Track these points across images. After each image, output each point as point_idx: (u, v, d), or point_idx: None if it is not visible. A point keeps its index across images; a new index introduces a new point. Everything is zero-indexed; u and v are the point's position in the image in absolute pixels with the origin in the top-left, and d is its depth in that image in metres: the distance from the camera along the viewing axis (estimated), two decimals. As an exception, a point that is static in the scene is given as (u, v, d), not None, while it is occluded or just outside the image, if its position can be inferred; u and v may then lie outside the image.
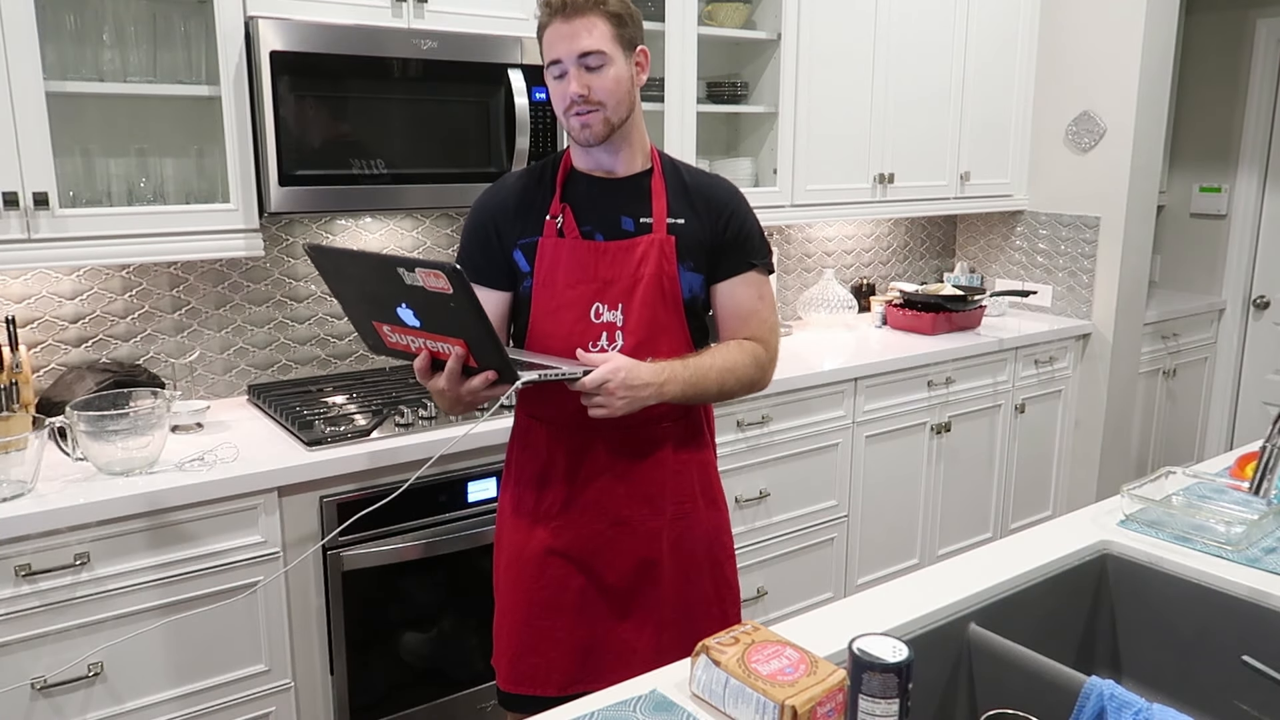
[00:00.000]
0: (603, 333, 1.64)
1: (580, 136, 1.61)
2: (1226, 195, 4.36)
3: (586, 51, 1.55)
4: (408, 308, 1.40)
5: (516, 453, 1.78)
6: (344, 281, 1.51)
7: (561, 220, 1.65)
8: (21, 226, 1.92)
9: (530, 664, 1.73)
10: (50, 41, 2.03)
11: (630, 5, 1.61)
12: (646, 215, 1.66)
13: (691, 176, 1.73)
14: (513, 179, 1.74)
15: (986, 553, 1.60)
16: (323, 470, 2.03)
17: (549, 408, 1.71)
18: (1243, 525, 1.62)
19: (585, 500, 1.70)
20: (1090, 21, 3.50)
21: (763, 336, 1.74)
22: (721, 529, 1.82)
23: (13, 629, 1.76)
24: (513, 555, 1.75)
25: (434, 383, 1.47)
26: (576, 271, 1.64)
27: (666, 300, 1.66)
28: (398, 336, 1.47)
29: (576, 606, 1.72)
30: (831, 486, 2.97)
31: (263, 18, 2.06)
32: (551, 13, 1.56)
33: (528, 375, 1.42)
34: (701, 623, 1.73)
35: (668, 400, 1.61)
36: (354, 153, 2.19)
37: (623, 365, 1.54)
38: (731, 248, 1.70)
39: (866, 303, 3.64)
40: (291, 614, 2.06)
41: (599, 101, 1.57)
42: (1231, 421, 4.51)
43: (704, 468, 1.79)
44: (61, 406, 2.01)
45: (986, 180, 3.62)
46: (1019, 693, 1.29)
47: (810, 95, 3.04)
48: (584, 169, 1.69)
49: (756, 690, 1.09)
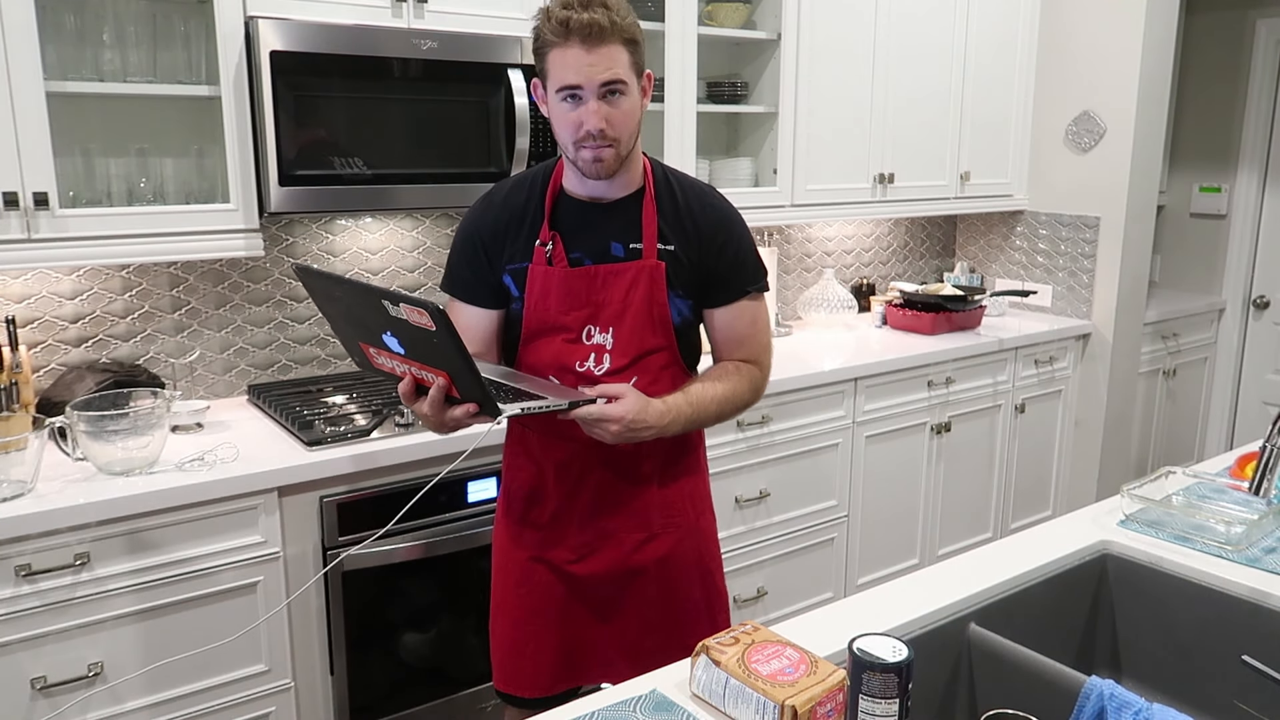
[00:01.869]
0: (591, 354, 1.63)
1: (590, 170, 1.54)
2: (1226, 195, 4.36)
3: (609, 82, 1.47)
4: (393, 336, 1.39)
5: (509, 459, 1.79)
6: (332, 303, 1.50)
7: (551, 248, 1.61)
8: (21, 226, 1.91)
9: (517, 665, 1.75)
10: (50, 41, 2.03)
11: (640, 28, 1.54)
12: (636, 241, 1.62)
13: (685, 195, 1.66)
14: (500, 195, 1.67)
15: (986, 553, 1.60)
16: (323, 470, 2.03)
17: (539, 419, 1.70)
18: (1243, 525, 1.62)
19: (572, 513, 1.70)
20: (1090, 21, 3.50)
21: (757, 357, 1.74)
22: (710, 537, 1.81)
23: (13, 629, 1.76)
24: (503, 559, 1.77)
25: (418, 407, 1.45)
26: (568, 299, 1.61)
27: (656, 325, 1.64)
28: (384, 359, 1.47)
29: (560, 613, 1.72)
30: (831, 486, 2.97)
31: (263, 18, 2.06)
32: (567, 35, 1.45)
33: (510, 409, 1.40)
34: (690, 631, 1.71)
35: (665, 435, 1.61)
36: (354, 153, 2.19)
37: (631, 409, 1.51)
38: (727, 275, 1.67)
39: (866, 303, 3.64)
40: (291, 614, 2.06)
41: (615, 137, 1.51)
42: (1231, 421, 4.51)
43: (693, 483, 1.79)
44: (61, 406, 2.01)
45: (986, 180, 3.62)
46: (1019, 693, 1.29)
47: (810, 95, 3.04)
48: (574, 192, 1.63)
49: (756, 690, 1.09)
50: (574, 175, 1.60)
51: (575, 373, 1.63)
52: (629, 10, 1.51)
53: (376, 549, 2.11)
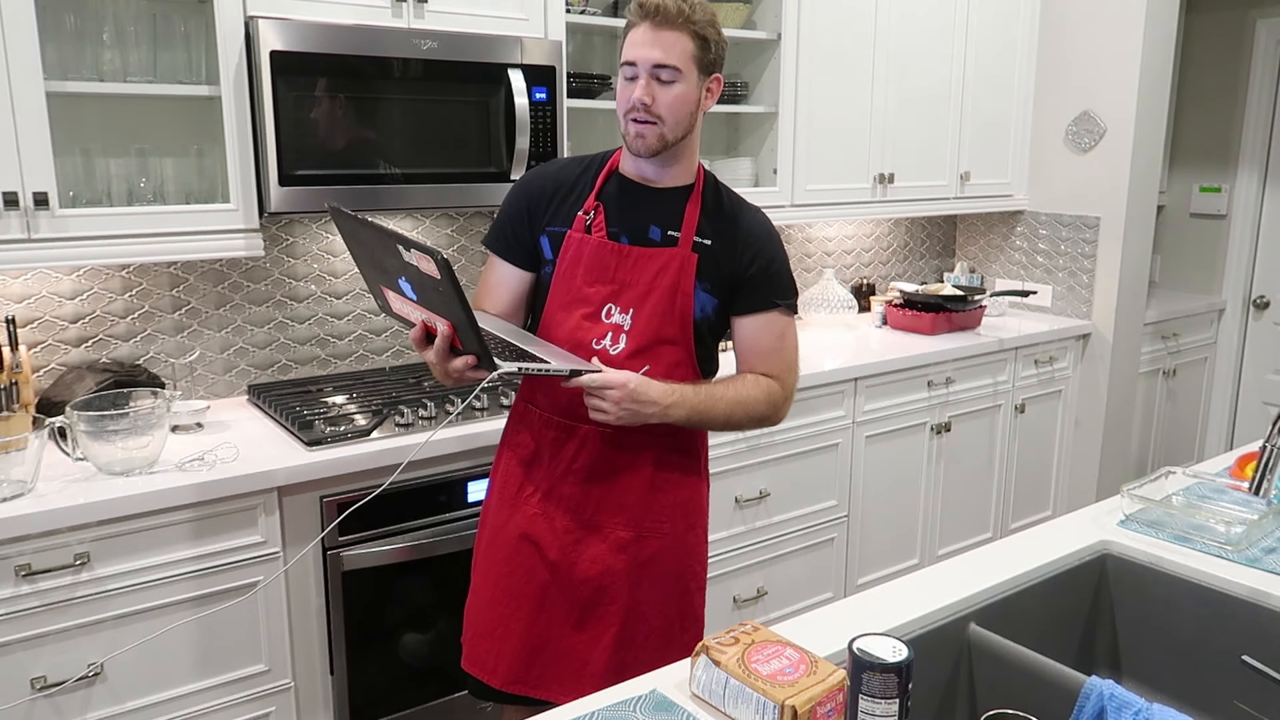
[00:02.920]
0: (608, 333, 1.66)
1: (633, 145, 1.63)
2: (1226, 195, 4.36)
3: (661, 64, 1.57)
4: (407, 281, 1.47)
5: (509, 434, 1.80)
6: (359, 245, 1.57)
7: (592, 218, 1.67)
8: (21, 226, 1.91)
9: (484, 648, 1.76)
10: (50, 41, 2.03)
11: (720, 33, 1.63)
12: (675, 229, 1.67)
13: (730, 202, 1.74)
14: (560, 164, 1.77)
15: (986, 553, 1.60)
16: (323, 470, 2.03)
17: (542, 396, 1.73)
18: (1243, 525, 1.62)
19: (560, 494, 1.71)
20: (1090, 22, 3.50)
21: (780, 374, 1.74)
22: (695, 557, 1.79)
23: (13, 629, 1.76)
24: (492, 535, 1.78)
25: (425, 354, 1.53)
26: (595, 271, 1.66)
27: (675, 314, 1.66)
28: (399, 304, 1.56)
29: (537, 600, 1.72)
30: (831, 486, 2.97)
31: (263, 18, 2.05)
32: (643, 15, 1.57)
33: (507, 366, 1.47)
34: (659, 651, 1.69)
35: (671, 422, 1.63)
36: (354, 153, 2.19)
37: (634, 378, 1.57)
38: (756, 282, 1.70)
39: (866, 303, 3.64)
40: (291, 614, 2.06)
41: (659, 115, 1.59)
42: (1231, 421, 4.51)
43: (689, 489, 1.78)
44: (61, 406, 2.01)
45: (986, 180, 3.62)
46: (1019, 693, 1.29)
47: (810, 95, 3.04)
48: (627, 172, 1.71)
49: (756, 690, 1.09)
50: (628, 156, 1.69)
51: (591, 350, 1.65)
52: (708, 13, 1.60)
53: (377, 549, 2.11)
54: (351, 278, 2.62)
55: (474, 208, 2.62)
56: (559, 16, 2.47)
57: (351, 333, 2.65)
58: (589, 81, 2.71)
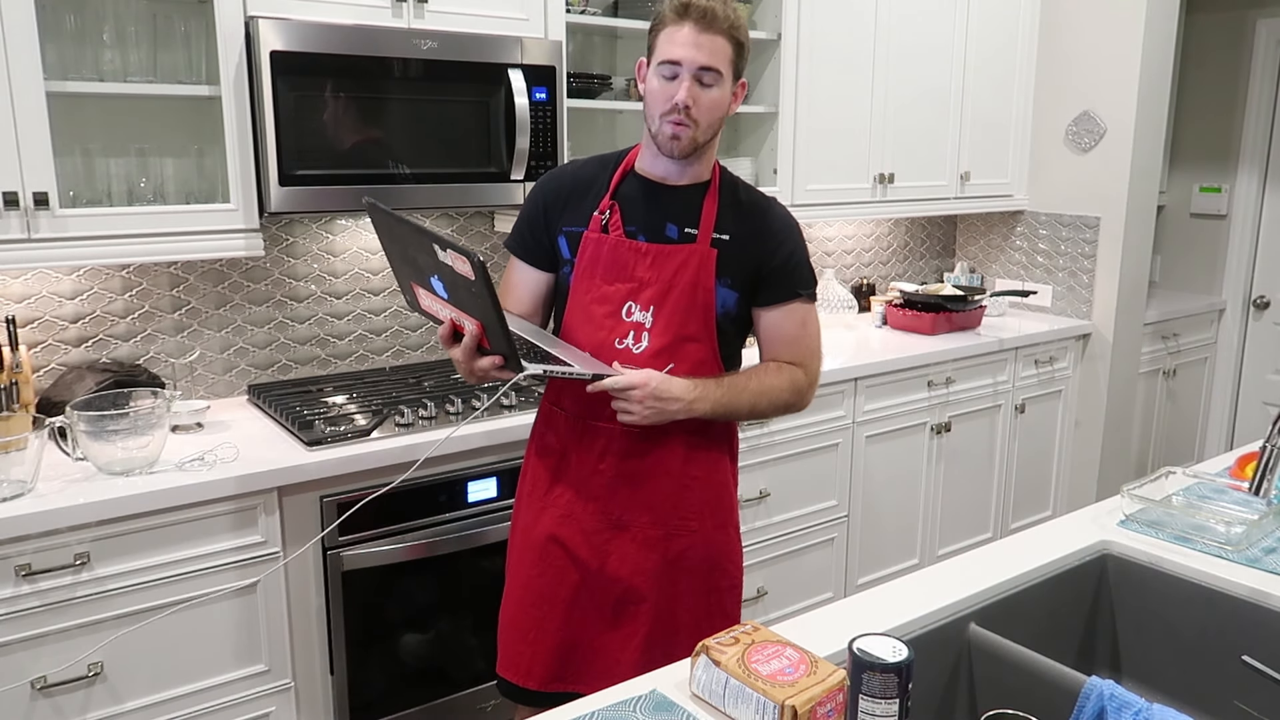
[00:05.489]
0: (630, 331, 1.66)
1: (666, 146, 1.62)
2: (1226, 195, 4.36)
3: (708, 67, 1.57)
4: (439, 280, 1.49)
5: (536, 436, 1.81)
6: (393, 241, 1.59)
7: (608, 217, 1.68)
8: (21, 226, 1.91)
9: (517, 651, 1.76)
10: (50, 41, 2.03)
11: (749, 38, 1.65)
12: (693, 226, 1.68)
13: (749, 196, 1.74)
14: (578, 164, 1.78)
15: (986, 553, 1.60)
16: (323, 470, 2.03)
17: (568, 398, 1.73)
18: (1243, 525, 1.62)
19: (589, 495, 1.71)
20: (1090, 21, 3.50)
21: (803, 361, 1.76)
22: (726, 556, 1.78)
23: (13, 629, 1.76)
24: (523, 534, 1.79)
25: (452, 352, 1.54)
26: (615, 270, 1.67)
27: (697, 310, 1.67)
28: (429, 301, 1.57)
29: (569, 602, 1.72)
30: (831, 486, 2.97)
31: (263, 18, 2.05)
32: (685, 15, 1.56)
33: (533, 368, 1.49)
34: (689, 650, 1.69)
35: (696, 416, 1.63)
36: (354, 152, 2.19)
37: (654, 376, 1.58)
38: (779, 275, 1.71)
39: (866, 303, 3.64)
40: (291, 614, 2.06)
41: (696, 119, 1.59)
42: (1231, 421, 4.51)
43: (716, 488, 1.77)
44: (61, 406, 2.01)
45: (986, 180, 3.62)
46: (1019, 693, 1.29)
47: (810, 95, 3.04)
48: (644, 171, 1.71)
49: (756, 690, 1.09)
50: (649, 154, 1.69)
51: (614, 350, 1.66)
52: (741, 18, 1.62)
53: (377, 549, 2.11)
54: (351, 278, 2.62)
55: (474, 207, 2.62)
56: (559, 16, 2.47)
57: (351, 333, 2.65)
58: (589, 81, 2.71)
